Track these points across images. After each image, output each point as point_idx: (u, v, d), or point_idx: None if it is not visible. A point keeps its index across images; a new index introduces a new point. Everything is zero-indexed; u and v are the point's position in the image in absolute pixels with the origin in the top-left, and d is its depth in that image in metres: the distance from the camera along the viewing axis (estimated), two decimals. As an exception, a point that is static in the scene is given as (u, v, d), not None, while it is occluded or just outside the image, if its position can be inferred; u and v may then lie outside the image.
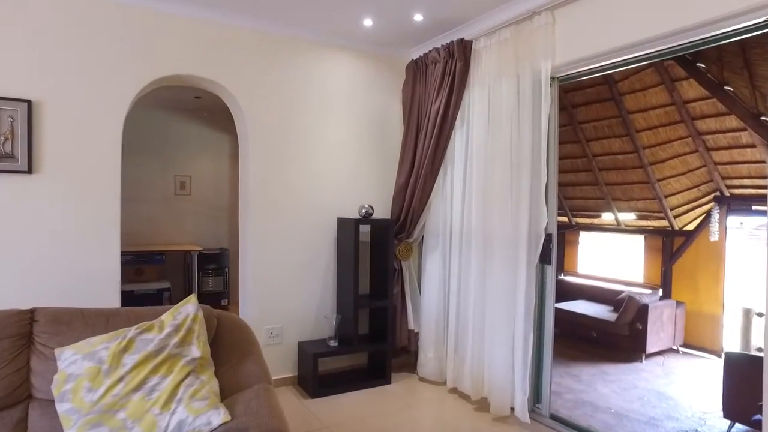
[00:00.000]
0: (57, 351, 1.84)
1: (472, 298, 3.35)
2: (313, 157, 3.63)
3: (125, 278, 5.31)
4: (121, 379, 1.77)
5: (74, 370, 1.76)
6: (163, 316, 1.97)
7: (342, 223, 3.64)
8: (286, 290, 3.55)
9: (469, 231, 3.40)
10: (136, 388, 1.77)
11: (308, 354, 3.39)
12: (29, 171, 2.80)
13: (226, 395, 1.93)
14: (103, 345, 1.82)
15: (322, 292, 3.69)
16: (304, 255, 3.61)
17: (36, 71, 2.80)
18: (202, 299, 5.54)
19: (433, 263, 3.75)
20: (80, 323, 1.97)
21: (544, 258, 3.04)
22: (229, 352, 2.12)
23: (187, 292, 5.63)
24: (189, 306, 2.01)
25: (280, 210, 3.52)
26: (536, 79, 2.98)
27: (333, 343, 3.52)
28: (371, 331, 3.86)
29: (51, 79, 2.84)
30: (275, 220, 3.50)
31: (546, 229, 2.98)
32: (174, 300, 5.64)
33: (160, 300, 5.31)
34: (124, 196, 5.57)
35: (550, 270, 3.05)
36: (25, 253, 2.79)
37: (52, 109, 2.85)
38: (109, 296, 2.98)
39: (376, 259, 3.80)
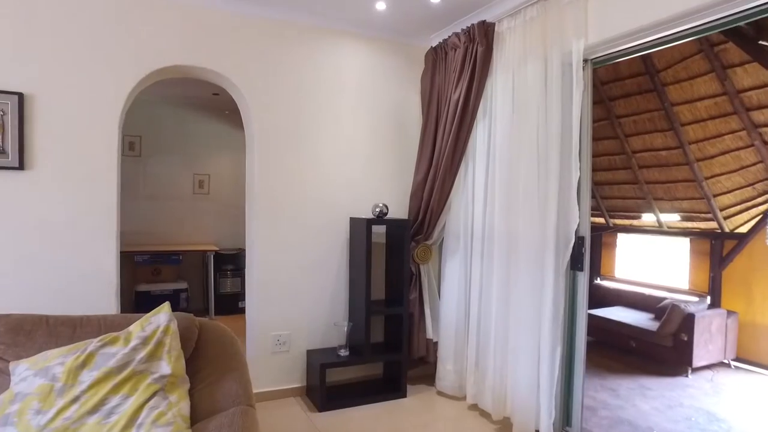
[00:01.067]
0: (12, 365, 1.64)
1: (495, 307, 3.02)
2: (323, 153, 3.37)
3: (142, 278, 5.21)
4: (75, 400, 1.54)
5: (23, 389, 1.54)
6: (131, 327, 1.74)
7: (354, 223, 3.37)
8: (294, 295, 3.30)
9: (491, 233, 3.08)
10: (92, 410, 1.54)
11: (316, 364, 3.13)
12: (21, 167, 2.64)
13: (198, 418, 1.68)
14: (58, 360, 1.60)
15: (333, 297, 3.43)
16: (313, 257, 3.36)
17: (28, 63, 2.64)
18: (219, 301, 5.40)
19: (453, 267, 3.43)
20: (43, 333, 1.76)
21: (576, 263, 2.68)
22: (208, 367, 1.87)
23: (205, 294, 5.48)
24: (161, 316, 1.77)
25: (288, 209, 3.27)
26: (567, 62, 2.63)
27: (343, 353, 3.25)
28: (386, 340, 3.57)
29: (44, 71, 2.67)
30: (282, 220, 3.26)
31: (577, 232, 2.63)
32: (191, 301, 5.51)
33: (177, 301, 5.17)
34: (142, 194, 5.57)
35: (583, 277, 2.69)
36: (14, 253, 2.62)
37: (45, 102, 2.68)
38: (105, 300, 2.79)
39: (392, 263, 3.52)
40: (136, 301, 5.05)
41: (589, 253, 2.69)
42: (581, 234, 2.66)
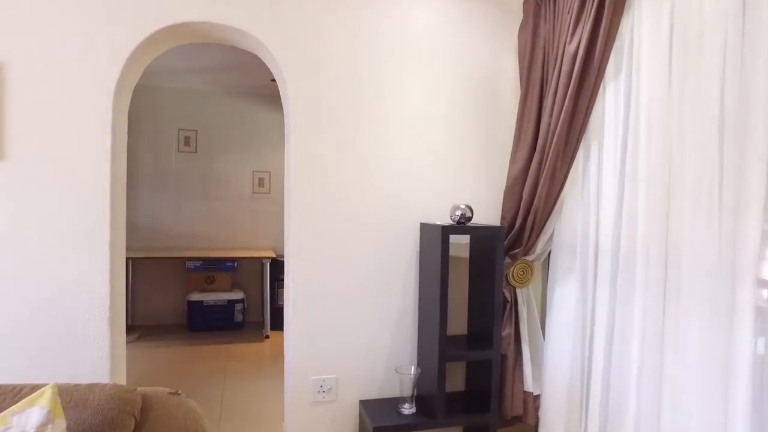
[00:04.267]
0: None
1: (637, 362, 1.92)
2: (381, 136, 2.44)
3: (194, 286, 4.60)
4: None
5: None
6: (-24, 437, 0.91)
7: (426, 230, 2.41)
8: (343, 327, 2.41)
9: (632, 249, 1.97)
10: None
11: (369, 425, 2.21)
12: (-11, 156, 1.99)
13: None
14: None
15: (396, 330, 2.49)
16: (369, 276, 2.43)
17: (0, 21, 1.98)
18: (276, 314, 4.65)
19: (565, 295, 2.36)
20: None
21: (796, 306, 1.52)
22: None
23: (263, 305, 4.78)
24: (32, 412, 0.92)
25: (335, 212, 2.38)
26: (785, -39, 1.49)
27: (407, 409, 2.30)
28: (468, 389, 2.57)
29: (16, 33, 1.99)
30: (327, 224, 2.37)
31: (798, 252, 1.47)
32: (248, 314, 4.83)
33: (231, 313, 4.51)
34: (197, 194, 4.98)
35: (811, 331, 1.52)
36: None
37: (18, 73, 2.00)
38: (94, 329, 2.07)
39: (477, 285, 2.51)
40: (188, 312, 4.46)
41: (822, 290, 1.52)
42: (807, 257, 1.50)
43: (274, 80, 4.43)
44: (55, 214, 2.04)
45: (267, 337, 4.33)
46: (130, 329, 4.56)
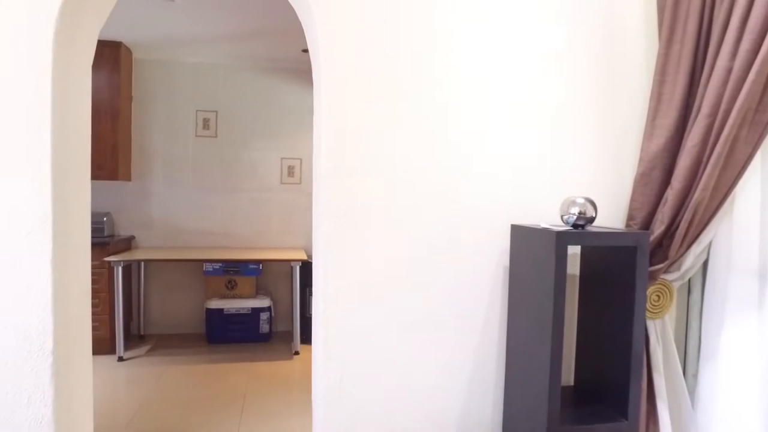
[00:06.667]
0: None
1: None
2: (451, 108, 1.62)
3: (213, 292, 3.90)
4: None
5: None
6: None
7: (522, 237, 1.58)
8: (394, 375, 1.61)
9: None
10: None
11: None
12: None
13: None
14: None
15: (472, 382, 1.67)
16: (431, 304, 1.63)
17: None
18: (306, 326, 3.91)
19: (742, 338, 1.49)
20: None
21: None
22: None
23: (293, 314, 4.05)
24: None
25: (384, 212, 1.58)
26: None
27: (497, 508, 1.49)
28: (577, 465, 1.74)
29: None
30: (371, 233, 1.57)
31: None
32: (276, 323, 4.12)
33: (256, 323, 3.80)
34: (218, 185, 4.21)
35: None
36: None
37: None
38: (22, 385, 1.34)
39: (595, 315, 1.67)
40: (207, 322, 3.77)
41: None
42: None
43: (306, 50, 3.67)
44: (-33, 211, 1.32)
45: (296, 353, 3.59)
46: (141, 339, 3.92)
